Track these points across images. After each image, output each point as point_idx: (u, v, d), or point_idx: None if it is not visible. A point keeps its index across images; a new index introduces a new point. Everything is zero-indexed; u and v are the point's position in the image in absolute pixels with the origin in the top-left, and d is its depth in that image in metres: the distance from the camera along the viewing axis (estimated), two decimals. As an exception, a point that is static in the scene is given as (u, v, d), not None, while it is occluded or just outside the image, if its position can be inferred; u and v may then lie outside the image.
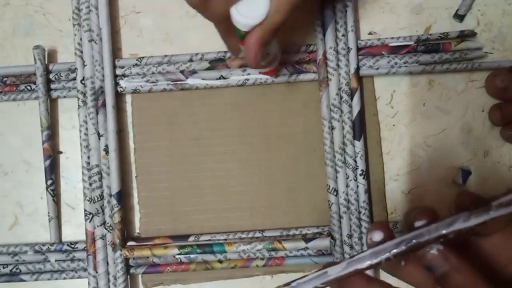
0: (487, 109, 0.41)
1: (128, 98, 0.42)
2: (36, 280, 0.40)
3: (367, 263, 0.23)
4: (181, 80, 0.41)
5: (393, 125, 0.41)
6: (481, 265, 0.25)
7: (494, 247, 0.25)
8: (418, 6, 0.42)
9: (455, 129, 0.41)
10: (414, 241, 0.23)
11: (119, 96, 0.41)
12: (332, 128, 0.39)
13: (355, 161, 0.39)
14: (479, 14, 0.41)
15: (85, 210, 0.40)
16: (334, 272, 0.24)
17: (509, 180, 0.41)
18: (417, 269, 0.24)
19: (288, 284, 0.24)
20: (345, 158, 0.39)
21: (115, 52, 0.42)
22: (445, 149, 0.41)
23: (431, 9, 0.42)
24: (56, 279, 0.40)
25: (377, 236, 0.24)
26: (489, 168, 0.41)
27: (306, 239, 0.39)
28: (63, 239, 0.42)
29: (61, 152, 0.43)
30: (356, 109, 0.40)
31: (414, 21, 0.41)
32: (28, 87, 0.41)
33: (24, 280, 0.40)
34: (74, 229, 0.42)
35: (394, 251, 0.23)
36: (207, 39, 0.42)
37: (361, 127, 0.40)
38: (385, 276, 0.26)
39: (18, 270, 0.40)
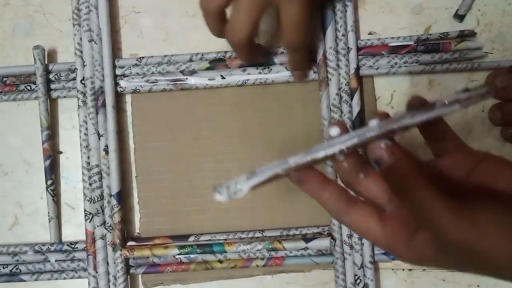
0: (487, 109, 0.41)
1: (128, 98, 0.42)
2: (36, 280, 0.40)
3: (322, 152, 0.25)
4: (181, 80, 0.41)
5: (393, 125, 0.41)
6: (443, 179, 0.28)
7: (453, 163, 0.28)
8: (418, 6, 0.42)
9: (455, 129, 0.41)
10: (366, 134, 0.25)
11: (119, 96, 0.41)
12: (332, 128, 0.39)
13: (355, 161, 0.39)
14: (479, 14, 0.41)
15: (85, 210, 0.40)
16: (294, 160, 0.25)
17: None
18: (375, 184, 0.27)
19: (253, 172, 0.26)
20: (345, 158, 0.39)
21: (115, 52, 0.42)
22: None
23: (431, 9, 0.42)
24: (56, 279, 0.41)
25: (334, 131, 0.26)
26: (489, 168, 0.41)
27: (306, 239, 0.39)
28: (63, 239, 0.42)
29: (61, 152, 0.43)
30: (356, 109, 0.40)
31: (414, 21, 0.41)
32: (28, 87, 0.41)
33: (24, 280, 0.40)
34: (74, 229, 0.42)
35: (348, 142, 0.25)
36: (207, 39, 0.42)
37: (361, 127, 0.40)
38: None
39: (18, 270, 0.40)
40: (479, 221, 0.24)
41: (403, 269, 0.41)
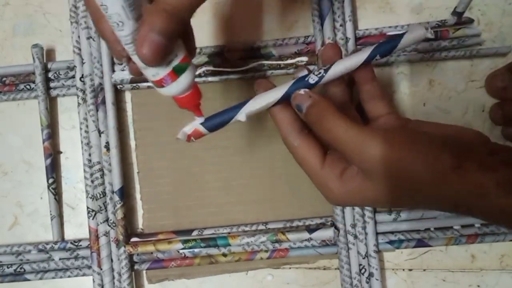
0: (487, 109, 0.41)
1: (128, 97, 0.42)
2: (40, 279, 0.40)
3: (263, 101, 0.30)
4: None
5: (393, 126, 0.42)
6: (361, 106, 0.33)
7: (383, 124, 0.32)
8: (418, 6, 0.42)
9: None
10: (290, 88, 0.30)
11: (118, 94, 0.41)
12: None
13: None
14: (479, 14, 0.41)
15: (87, 208, 0.40)
16: (246, 110, 0.30)
17: None
18: (309, 146, 0.31)
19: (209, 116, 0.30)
20: (346, 148, 0.39)
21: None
22: None
23: (431, 9, 0.42)
24: (61, 277, 0.40)
25: (301, 73, 0.31)
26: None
27: (310, 229, 0.39)
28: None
29: (61, 152, 0.42)
30: (355, 100, 0.40)
31: (414, 21, 0.41)
32: (28, 86, 0.41)
33: (28, 280, 0.40)
34: (75, 229, 0.42)
35: (280, 92, 0.30)
36: (207, 39, 0.42)
37: (362, 118, 0.40)
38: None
39: (22, 270, 0.40)
40: (394, 139, 0.28)
41: (403, 269, 0.41)
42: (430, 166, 0.27)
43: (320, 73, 0.30)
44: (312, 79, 0.30)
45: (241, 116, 0.30)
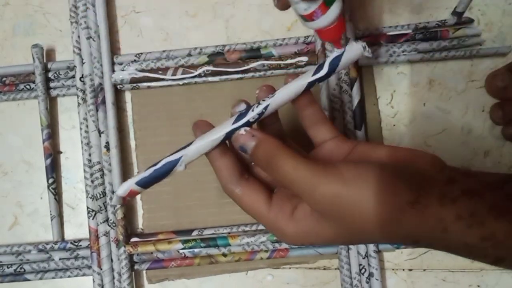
0: (487, 109, 0.41)
1: (128, 98, 0.42)
2: (40, 279, 0.40)
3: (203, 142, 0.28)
4: (181, 75, 0.40)
5: (393, 125, 0.41)
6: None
7: (331, 150, 0.30)
8: (418, 6, 0.42)
9: (455, 129, 0.41)
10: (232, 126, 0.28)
11: (118, 94, 0.41)
12: (333, 118, 0.39)
13: (357, 151, 0.39)
14: (479, 14, 0.41)
15: (87, 208, 0.40)
16: (189, 152, 0.28)
17: None
18: (252, 191, 0.29)
19: (155, 164, 0.28)
20: (346, 148, 0.39)
21: (115, 51, 0.42)
22: (445, 149, 0.41)
23: (431, 9, 0.42)
24: (61, 277, 0.40)
25: (238, 108, 0.29)
26: (490, 168, 0.41)
27: (310, 229, 0.39)
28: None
29: (61, 152, 0.42)
30: (356, 99, 0.40)
31: (414, 21, 0.41)
32: (27, 86, 0.41)
33: (28, 280, 0.40)
34: (74, 229, 0.42)
35: (220, 135, 0.28)
36: (207, 39, 0.42)
37: (361, 116, 0.40)
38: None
39: (22, 270, 0.40)
40: (343, 175, 0.26)
41: (403, 269, 0.41)
42: (385, 203, 0.25)
43: (259, 108, 0.28)
44: (253, 117, 0.28)
45: (181, 167, 0.28)
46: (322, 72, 0.28)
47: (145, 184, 0.28)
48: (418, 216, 0.25)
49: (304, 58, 0.40)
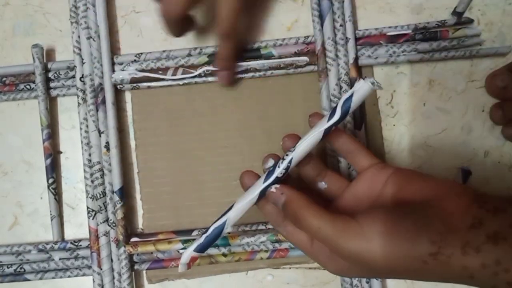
0: (487, 109, 0.41)
1: (128, 97, 0.42)
2: (40, 279, 0.40)
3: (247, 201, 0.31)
4: (181, 75, 0.41)
5: (393, 125, 0.41)
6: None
7: (368, 179, 0.32)
8: (418, 6, 0.42)
9: (455, 129, 0.41)
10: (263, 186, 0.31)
11: (118, 94, 0.41)
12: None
13: (357, 151, 0.39)
14: (479, 13, 0.41)
15: (87, 208, 0.40)
16: (230, 221, 0.31)
17: (510, 180, 0.41)
18: (296, 231, 0.32)
19: (205, 231, 0.31)
20: (346, 148, 0.39)
21: (115, 51, 0.42)
22: (445, 149, 0.41)
23: (431, 9, 0.42)
24: (61, 277, 0.40)
25: (269, 163, 0.33)
26: (490, 168, 0.41)
27: (310, 229, 0.39)
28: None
29: (61, 152, 0.42)
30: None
31: (414, 21, 0.41)
32: (28, 86, 0.41)
33: (28, 280, 0.40)
34: (74, 229, 0.42)
35: (255, 194, 0.31)
36: (207, 39, 0.42)
37: (361, 116, 0.40)
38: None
39: (22, 270, 0.40)
40: (363, 231, 0.27)
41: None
42: (407, 256, 0.26)
43: (284, 163, 0.31)
44: (280, 172, 0.31)
45: (228, 229, 0.31)
46: (336, 117, 0.30)
47: (202, 249, 0.31)
48: (442, 265, 0.26)
49: (304, 58, 0.40)
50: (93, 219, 0.40)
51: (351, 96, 0.29)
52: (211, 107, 0.42)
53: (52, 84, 0.41)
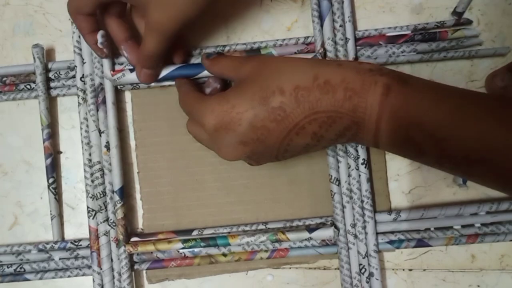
0: None
1: (128, 97, 0.42)
2: (40, 279, 0.40)
3: None
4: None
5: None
6: None
7: None
8: (418, 6, 0.42)
9: None
10: None
11: (118, 94, 0.41)
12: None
13: (357, 151, 0.39)
14: (479, 14, 0.42)
15: (87, 207, 0.40)
16: None
17: None
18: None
19: None
20: (346, 148, 0.39)
21: (115, 51, 0.42)
22: None
23: (431, 9, 0.42)
24: (61, 277, 0.40)
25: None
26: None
27: (310, 229, 0.39)
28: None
29: (61, 152, 0.42)
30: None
31: (414, 21, 0.41)
32: (28, 86, 0.41)
33: (28, 279, 0.40)
34: (74, 229, 0.42)
35: None
36: (207, 39, 0.42)
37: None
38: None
39: (22, 270, 0.40)
40: (229, 99, 0.33)
41: (403, 269, 0.41)
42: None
43: None
44: None
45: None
46: None
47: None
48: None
49: (304, 58, 0.40)
50: (93, 219, 0.40)
51: None
52: (211, 107, 0.42)
53: (52, 84, 0.41)
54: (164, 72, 0.39)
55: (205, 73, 0.38)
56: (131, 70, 0.39)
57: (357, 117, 0.30)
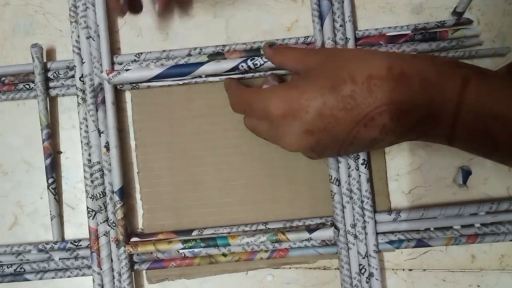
0: None
1: (128, 97, 0.42)
2: (40, 279, 0.40)
3: None
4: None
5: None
6: None
7: None
8: (418, 6, 0.42)
9: None
10: None
11: (118, 94, 0.41)
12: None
13: (357, 151, 0.39)
14: (479, 14, 0.41)
15: (87, 208, 0.40)
16: None
17: (510, 180, 0.41)
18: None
19: None
20: (346, 148, 0.39)
21: (115, 50, 0.42)
22: (445, 149, 0.41)
23: (431, 9, 0.42)
24: (61, 277, 0.40)
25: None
26: (489, 168, 0.41)
27: (310, 229, 0.39)
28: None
29: (61, 152, 0.42)
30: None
31: (414, 21, 0.41)
32: (27, 86, 0.41)
33: (28, 280, 0.40)
34: (74, 229, 0.42)
35: None
36: (207, 39, 0.42)
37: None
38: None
39: (22, 270, 0.40)
40: (298, 85, 0.32)
41: (403, 269, 0.41)
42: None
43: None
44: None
45: None
46: None
47: None
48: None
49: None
50: (93, 219, 0.40)
51: None
52: (211, 107, 0.42)
53: (51, 84, 0.41)
54: (157, 71, 0.39)
55: (203, 71, 0.39)
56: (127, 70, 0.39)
57: (433, 109, 0.30)
